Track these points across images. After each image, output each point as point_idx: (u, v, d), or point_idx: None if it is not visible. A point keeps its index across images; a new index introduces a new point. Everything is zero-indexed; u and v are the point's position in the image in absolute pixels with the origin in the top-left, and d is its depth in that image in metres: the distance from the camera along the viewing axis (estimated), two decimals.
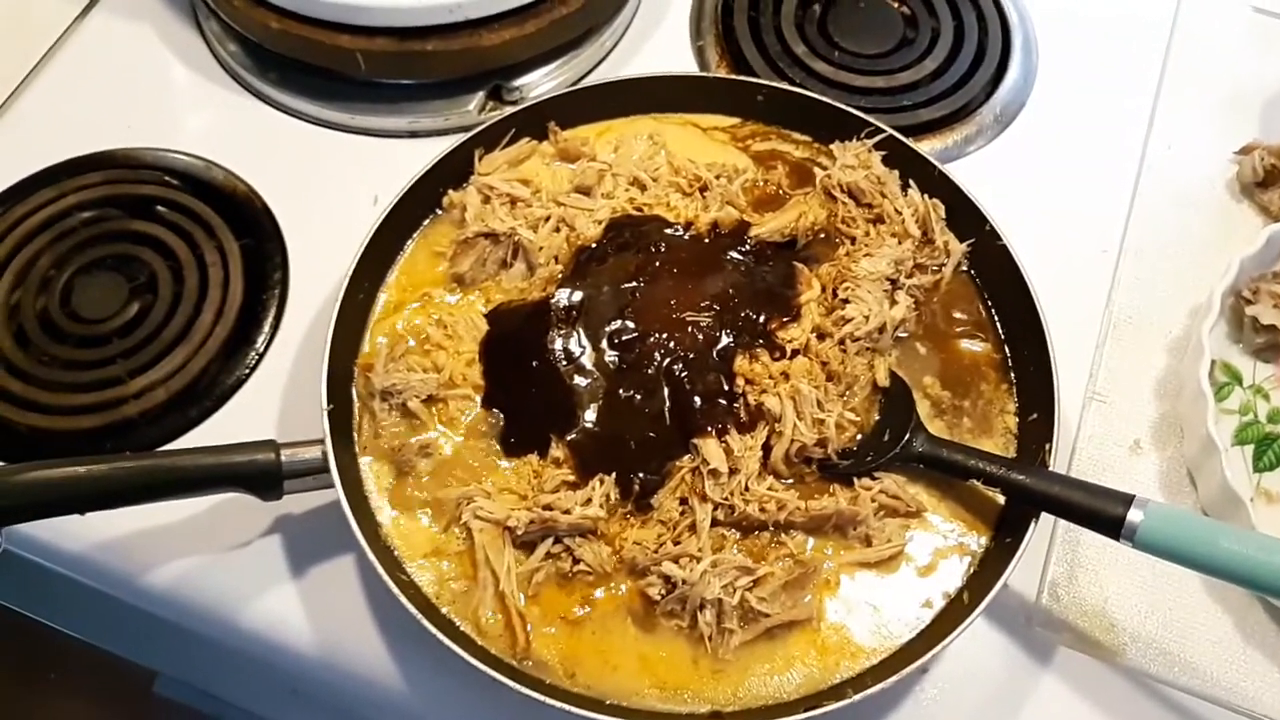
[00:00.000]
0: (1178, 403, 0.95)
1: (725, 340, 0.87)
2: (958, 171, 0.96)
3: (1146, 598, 0.86)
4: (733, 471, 0.82)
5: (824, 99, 1.00)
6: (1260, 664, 0.85)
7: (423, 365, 0.87)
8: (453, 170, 0.96)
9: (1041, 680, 0.84)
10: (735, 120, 1.03)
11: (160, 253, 0.98)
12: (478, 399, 0.87)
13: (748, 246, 0.93)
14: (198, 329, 0.94)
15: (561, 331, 0.88)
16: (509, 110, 0.99)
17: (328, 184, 1.04)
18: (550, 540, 0.80)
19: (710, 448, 0.82)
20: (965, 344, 0.92)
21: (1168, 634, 0.85)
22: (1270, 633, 0.86)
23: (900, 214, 0.94)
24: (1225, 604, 0.87)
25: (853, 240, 0.94)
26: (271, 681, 0.90)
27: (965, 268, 0.95)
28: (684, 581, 0.77)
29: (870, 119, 0.98)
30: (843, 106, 0.99)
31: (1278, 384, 0.95)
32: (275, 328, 0.96)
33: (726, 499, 0.81)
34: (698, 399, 0.84)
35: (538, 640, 0.78)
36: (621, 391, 0.85)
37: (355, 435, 0.86)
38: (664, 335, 0.87)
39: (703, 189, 0.97)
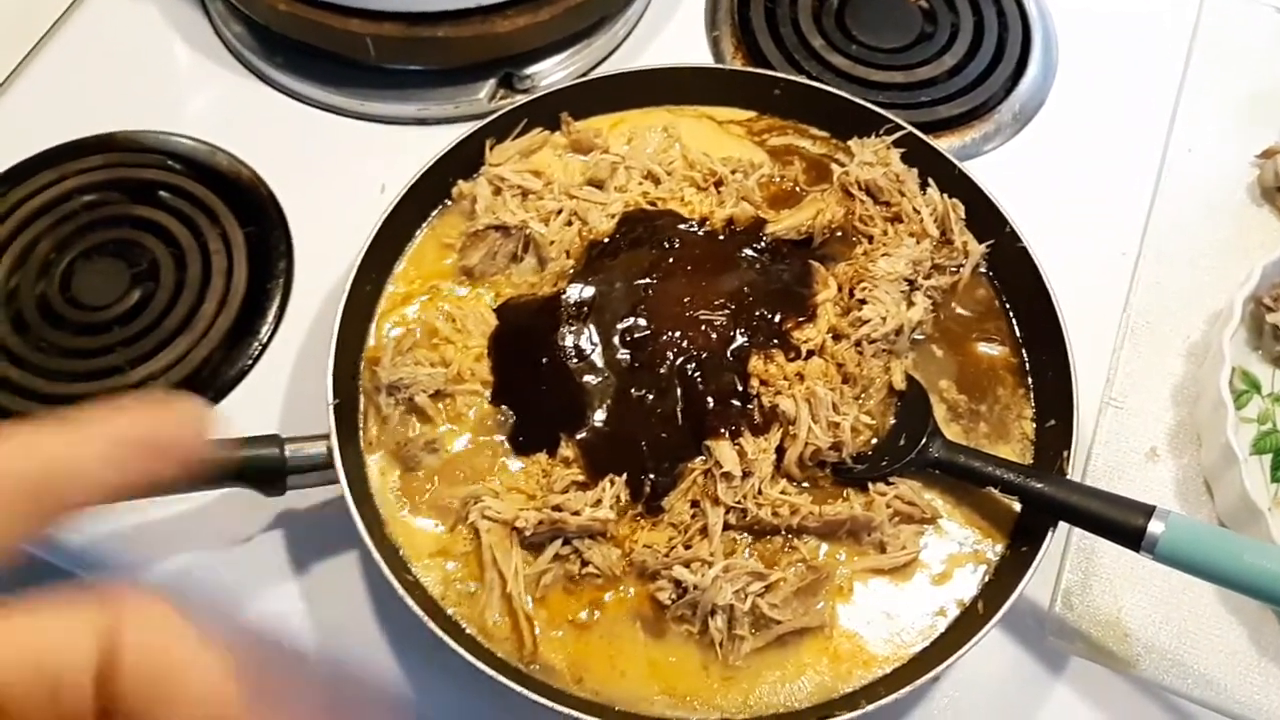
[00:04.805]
0: (1195, 410, 0.93)
1: (740, 340, 0.85)
2: (975, 170, 0.94)
3: (1161, 608, 0.85)
4: (746, 474, 0.80)
5: (843, 94, 0.98)
6: (1275, 677, 0.83)
7: (430, 359, 0.85)
8: (463, 160, 0.94)
9: (1054, 690, 0.83)
10: (751, 114, 1.01)
11: (162, 239, 0.96)
12: (486, 395, 0.85)
13: (763, 244, 0.91)
14: (200, 318, 0.92)
15: (572, 328, 0.86)
16: (520, 99, 0.97)
17: (335, 171, 1.02)
18: (559, 542, 0.79)
19: (723, 450, 0.81)
20: (983, 347, 0.90)
21: (1182, 645, 0.84)
22: None
23: (919, 213, 0.92)
24: (1240, 615, 0.85)
25: (870, 239, 0.92)
26: None
27: (983, 269, 0.93)
28: (695, 586, 0.76)
29: (889, 115, 0.96)
30: (862, 102, 0.97)
31: None
32: (279, 318, 0.94)
33: (739, 502, 0.80)
34: (711, 400, 0.83)
35: (545, 644, 0.77)
36: (633, 391, 0.84)
37: (361, 430, 0.84)
38: (677, 334, 0.85)
39: (718, 184, 0.95)
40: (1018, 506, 0.83)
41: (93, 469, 0.34)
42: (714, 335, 0.85)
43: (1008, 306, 0.92)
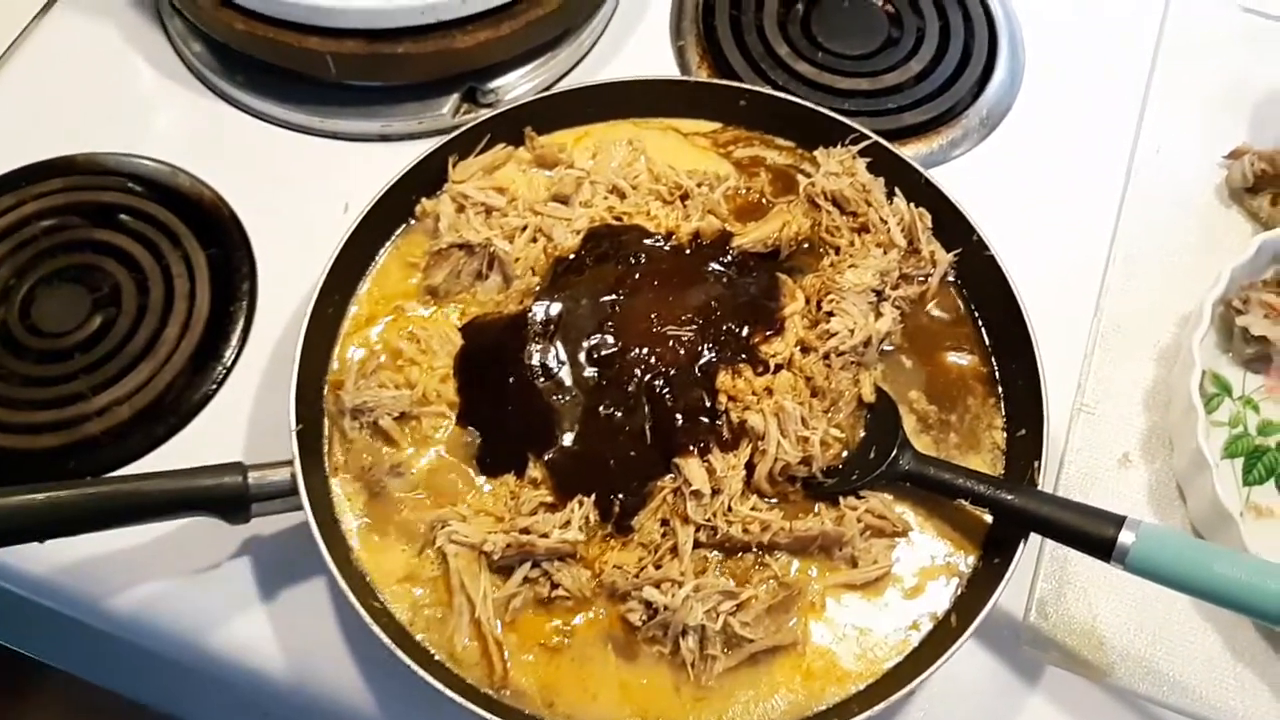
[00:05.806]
0: (1167, 415, 0.93)
1: (707, 355, 0.85)
2: (942, 176, 0.94)
3: (1135, 616, 0.85)
4: (715, 492, 0.80)
5: (808, 104, 0.98)
6: (1250, 682, 0.84)
7: (395, 381, 0.85)
8: (426, 177, 0.93)
9: (1029, 700, 0.83)
10: (717, 125, 1.01)
11: (124, 263, 0.95)
12: (452, 416, 0.84)
13: (730, 257, 0.91)
14: (163, 343, 0.91)
15: (538, 346, 0.85)
16: (484, 114, 0.96)
17: (297, 190, 1.01)
18: (528, 564, 0.78)
19: (692, 467, 0.80)
20: (952, 357, 0.90)
21: (1157, 652, 0.84)
22: (1259, 650, 0.85)
23: (886, 223, 0.92)
24: (1215, 622, 0.85)
25: (837, 250, 0.92)
26: (242, 707, 0.88)
27: (952, 278, 0.92)
28: (666, 607, 0.75)
29: (855, 124, 0.96)
30: (827, 111, 0.97)
31: (1268, 395, 0.94)
32: (243, 341, 0.93)
33: (709, 520, 0.79)
34: (679, 416, 0.82)
35: (515, 668, 0.76)
36: (601, 409, 0.83)
37: (325, 455, 0.83)
38: (644, 350, 0.84)
39: (684, 197, 0.94)
40: (989, 518, 0.82)
41: None
42: (681, 351, 0.84)
43: (976, 315, 0.92)
